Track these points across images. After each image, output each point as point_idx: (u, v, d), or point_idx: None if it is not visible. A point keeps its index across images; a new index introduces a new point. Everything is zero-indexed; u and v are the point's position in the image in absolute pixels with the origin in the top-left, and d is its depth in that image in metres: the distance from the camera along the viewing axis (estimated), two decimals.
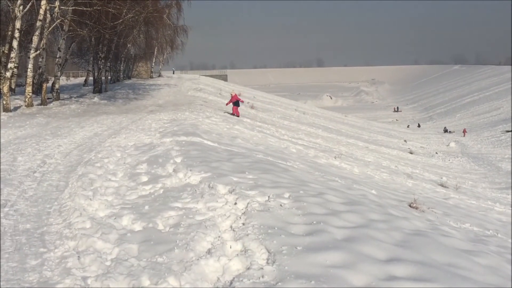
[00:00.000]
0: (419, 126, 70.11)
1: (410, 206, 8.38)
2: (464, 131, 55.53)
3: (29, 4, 20.81)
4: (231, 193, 6.77)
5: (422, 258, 4.72)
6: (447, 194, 13.93)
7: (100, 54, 31.76)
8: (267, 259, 4.58)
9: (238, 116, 22.15)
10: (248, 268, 4.47)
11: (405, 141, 42.69)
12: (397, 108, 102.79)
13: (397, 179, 15.05)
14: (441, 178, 19.87)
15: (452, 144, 43.88)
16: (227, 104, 23.60)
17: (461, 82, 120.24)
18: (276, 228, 5.27)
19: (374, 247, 4.81)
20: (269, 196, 6.53)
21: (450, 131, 59.27)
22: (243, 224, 5.54)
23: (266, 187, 7.05)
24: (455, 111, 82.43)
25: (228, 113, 22.49)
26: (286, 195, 6.64)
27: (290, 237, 5.05)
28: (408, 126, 69.79)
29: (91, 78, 39.73)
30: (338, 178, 10.04)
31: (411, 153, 32.51)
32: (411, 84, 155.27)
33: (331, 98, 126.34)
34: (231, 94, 23.47)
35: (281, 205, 6.15)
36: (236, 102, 22.53)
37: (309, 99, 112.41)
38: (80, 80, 52.31)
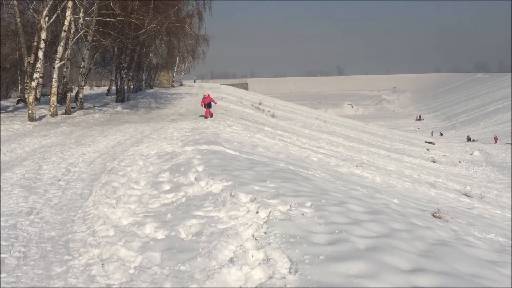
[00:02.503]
0: (441, 134, 69.31)
1: (433, 215, 8.27)
2: (496, 138, 54.56)
3: (54, 15, 21.26)
4: (252, 201, 6.78)
5: (446, 269, 4.66)
6: (471, 203, 13.70)
7: (123, 64, 32.20)
8: (290, 268, 4.57)
9: (211, 116, 21.49)
10: (271, 277, 4.46)
11: (427, 149, 42.20)
12: (419, 116, 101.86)
13: (419, 188, 14.87)
14: (465, 187, 19.56)
15: (476, 153, 43.18)
16: (201, 105, 22.53)
17: (484, 90, 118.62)
18: (298, 237, 5.26)
19: (397, 257, 4.76)
20: (290, 205, 6.52)
21: (473, 140, 58.42)
22: (265, 233, 5.54)
23: (288, 196, 7.04)
24: (479, 120, 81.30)
25: (202, 115, 21.93)
26: (308, 204, 6.62)
27: (312, 246, 5.03)
28: (432, 134, 69.02)
29: (114, 87, 40.33)
30: (359, 187, 9.97)
31: (433, 162, 32.08)
32: (433, 92, 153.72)
33: (352, 106, 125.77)
34: (204, 95, 22.38)
35: (303, 214, 6.13)
36: (209, 104, 21.81)
37: (329, 108, 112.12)
38: (103, 89, 53.16)
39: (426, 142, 50.14)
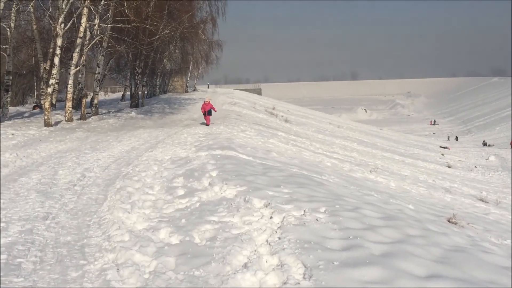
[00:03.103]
0: (457, 139, 68.64)
1: (449, 221, 8.20)
2: None
3: (70, 22, 21.49)
4: (266, 207, 6.78)
5: (462, 275, 4.61)
6: (487, 209, 13.55)
7: (137, 70, 32.45)
8: (304, 274, 4.56)
9: (207, 124, 20.61)
10: (285, 283, 4.45)
11: (442, 154, 41.84)
12: (434, 121, 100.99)
13: (434, 194, 14.74)
14: (481, 192, 19.35)
15: (492, 158, 42.68)
16: (202, 112, 21.65)
17: (500, 95, 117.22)
18: (312, 243, 5.24)
19: (412, 263, 4.73)
20: (304, 210, 6.51)
21: (489, 145, 57.73)
22: (279, 238, 5.54)
23: (302, 201, 7.03)
24: (494, 124, 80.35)
25: (203, 123, 21.15)
26: (322, 209, 6.60)
27: (327, 252, 5.01)
28: (448, 138, 68.35)
29: (128, 93, 40.65)
30: (374, 193, 9.92)
31: (449, 167, 31.78)
32: (448, 96, 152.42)
33: (365, 111, 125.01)
34: (205, 101, 21.64)
35: (317, 220, 6.12)
36: (209, 111, 21.05)
37: (343, 113, 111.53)
38: (118, 95, 53.61)
39: (441, 147, 49.68)
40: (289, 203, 6.86)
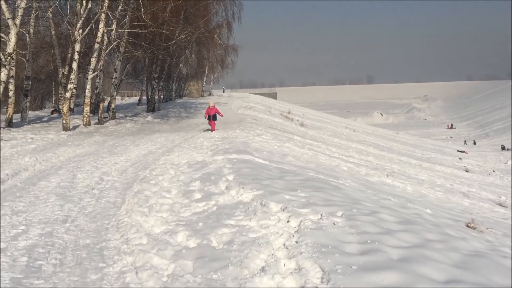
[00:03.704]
0: (474, 143, 67.86)
1: (467, 226, 8.12)
2: None
3: (88, 28, 21.77)
4: (283, 211, 6.78)
5: (482, 280, 4.57)
6: (506, 213, 13.38)
7: (154, 74, 32.70)
8: (322, 278, 4.56)
9: (212, 130, 19.65)
10: (303, 287, 4.46)
11: (460, 158, 41.41)
12: (451, 125, 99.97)
13: (452, 198, 14.60)
14: (500, 197, 19.11)
15: (511, 162, 42.16)
16: (205, 117, 20.77)
17: None
18: (329, 247, 5.23)
19: (431, 267, 4.69)
20: (321, 214, 6.50)
21: (508, 149, 56.99)
22: (296, 242, 5.54)
23: (319, 205, 7.02)
24: None
25: (208, 129, 20.06)
26: (339, 213, 6.58)
27: (344, 256, 5.00)
28: (465, 142, 67.60)
29: (144, 97, 40.96)
30: (391, 197, 9.87)
31: (466, 171, 31.44)
32: (466, 100, 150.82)
33: (381, 115, 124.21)
34: (209, 106, 20.35)
35: (334, 224, 6.11)
36: (214, 116, 19.90)
37: (359, 116, 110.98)
38: (134, 99, 54.04)
39: (458, 151, 49.17)
40: (306, 207, 6.85)
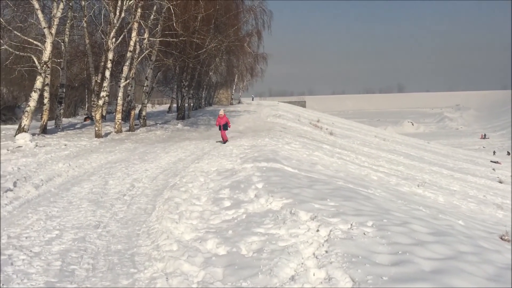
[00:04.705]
0: (509, 153, 66.24)
1: (501, 238, 7.93)
2: None
3: (121, 37, 22.17)
4: (313, 220, 6.76)
5: None
6: None
7: (184, 82, 33.07)
8: None
9: (225, 140, 18.80)
10: None
11: (493, 169, 40.48)
12: (484, 135, 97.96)
13: (485, 210, 14.28)
14: None
15: None
16: (217, 125, 19.81)
17: None
18: (360, 257, 5.19)
19: (465, 280, 4.60)
20: (351, 224, 6.45)
21: None
22: (326, 251, 5.51)
23: (348, 214, 6.97)
24: None
25: (220, 142, 19.01)
26: (369, 223, 6.52)
27: (375, 266, 4.94)
28: (494, 153, 66.01)
29: (174, 105, 41.44)
30: (422, 207, 9.72)
31: (500, 182, 30.70)
32: (499, 110, 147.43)
33: (412, 124, 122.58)
34: (220, 115, 19.53)
35: (364, 234, 6.05)
36: (224, 125, 19.12)
37: (389, 126, 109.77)
38: (164, 107, 54.72)
39: (491, 161, 48.09)
40: (335, 217, 6.81)
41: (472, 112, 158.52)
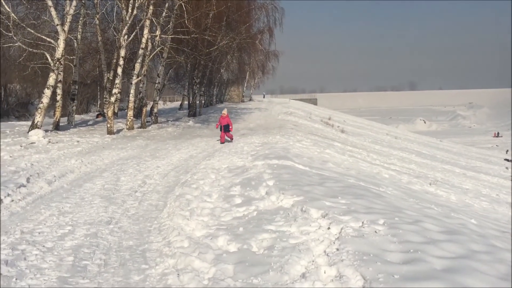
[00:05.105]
0: None
1: None
2: None
3: (133, 34, 22.27)
4: (324, 217, 6.74)
5: None
6: None
7: (195, 79, 33.15)
8: (363, 286, 4.50)
9: (228, 140, 18.25)
10: None
11: (507, 168, 40.11)
12: (498, 133, 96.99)
13: (499, 209, 14.15)
14: None
15: None
16: (216, 126, 19.13)
17: None
18: (371, 255, 5.16)
19: (477, 279, 4.56)
20: (363, 222, 6.42)
21: None
22: (337, 249, 5.49)
23: (360, 212, 6.93)
24: None
25: (227, 141, 18.27)
26: (381, 221, 6.48)
27: (386, 264, 4.92)
28: (506, 152, 65.32)
29: (186, 102, 41.57)
30: (434, 206, 9.65)
31: None
32: None
33: (424, 122, 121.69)
34: (222, 115, 18.41)
35: (375, 232, 6.02)
36: (226, 126, 18.10)
37: (401, 123, 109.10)
38: (176, 104, 54.94)
39: (505, 160, 47.62)
40: (346, 214, 6.79)
41: (485, 110, 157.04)
